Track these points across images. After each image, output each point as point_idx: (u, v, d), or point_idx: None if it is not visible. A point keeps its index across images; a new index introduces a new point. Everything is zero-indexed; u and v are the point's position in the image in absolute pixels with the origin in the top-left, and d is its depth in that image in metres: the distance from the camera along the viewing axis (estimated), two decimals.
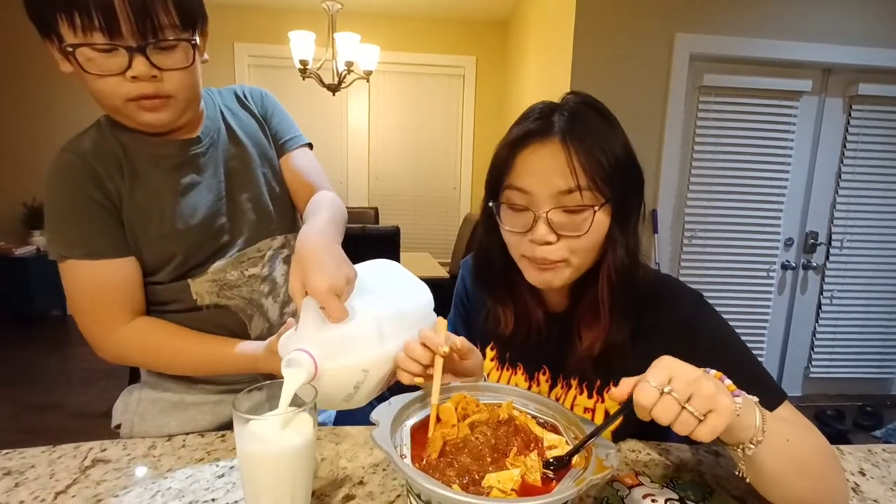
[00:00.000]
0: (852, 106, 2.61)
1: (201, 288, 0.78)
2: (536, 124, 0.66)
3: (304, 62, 3.14)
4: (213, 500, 0.60)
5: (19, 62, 3.69)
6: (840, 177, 2.67)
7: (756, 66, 2.50)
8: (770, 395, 0.62)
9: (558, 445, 0.53)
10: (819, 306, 2.80)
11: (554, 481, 0.47)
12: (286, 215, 0.87)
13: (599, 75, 2.43)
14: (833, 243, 2.73)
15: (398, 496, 0.61)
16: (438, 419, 0.55)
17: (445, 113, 4.29)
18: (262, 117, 0.86)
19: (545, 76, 3.02)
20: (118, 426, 0.85)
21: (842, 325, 2.80)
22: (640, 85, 2.45)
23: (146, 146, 0.73)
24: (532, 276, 0.70)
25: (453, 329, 0.90)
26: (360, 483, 0.64)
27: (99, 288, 0.71)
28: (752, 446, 0.50)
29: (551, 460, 0.49)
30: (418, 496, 0.45)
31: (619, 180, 0.65)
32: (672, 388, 0.45)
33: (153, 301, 0.77)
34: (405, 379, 0.59)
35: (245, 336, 0.81)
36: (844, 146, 2.65)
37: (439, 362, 0.57)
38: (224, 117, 0.82)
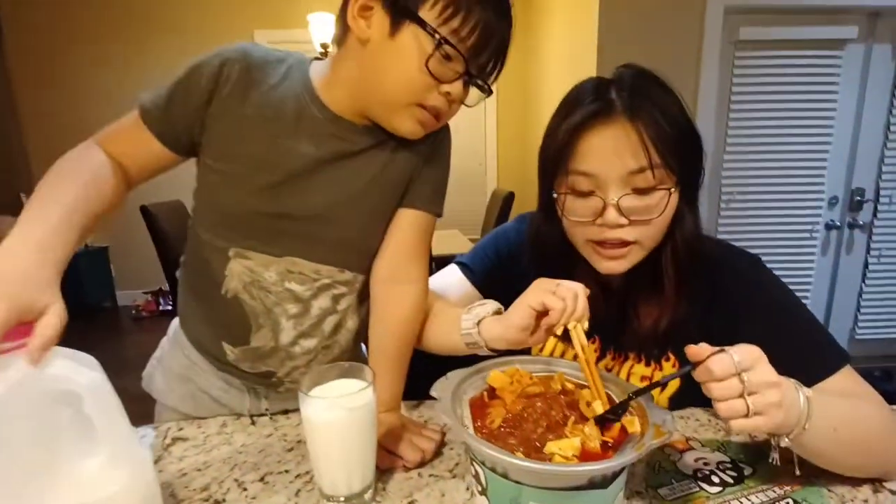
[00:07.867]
0: None
1: (236, 268, 0.69)
2: (596, 104, 0.63)
3: (324, 45, 3.13)
4: (286, 471, 0.64)
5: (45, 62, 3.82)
6: (889, 129, 2.52)
7: (796, 16, 2.36)
8: (830, 358, 0.62)
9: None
10: (866, 265, 2.68)
11: (611, 450, 0.49)
12: (369, 256, 0.75)
13: (628, 33, 2.34)
14: (881, 199, 2.59)
15: (456, 464, 0.65)
16: (496, 394, 0.57)
17: None
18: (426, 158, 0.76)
19: (569, 35, 2.92)
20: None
21: (891, 283, 2.68)
22: (672, 41, 2.34)
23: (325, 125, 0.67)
24: (599, 263, 0.68)
25: (470, 276, 0.84)
26: None
27: (123, 136, 0.67)
28: (787, 440, 0.50)
29: (607, 415, 0.51)
30: (483, 464, 0.47)
31: (686, 152, 0.64)
32: (748, 377, 0.46)
33: (192, 245, 0.73)
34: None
35: (245, 337, 0.71)
36: (894, 96, 2.49)
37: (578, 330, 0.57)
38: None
